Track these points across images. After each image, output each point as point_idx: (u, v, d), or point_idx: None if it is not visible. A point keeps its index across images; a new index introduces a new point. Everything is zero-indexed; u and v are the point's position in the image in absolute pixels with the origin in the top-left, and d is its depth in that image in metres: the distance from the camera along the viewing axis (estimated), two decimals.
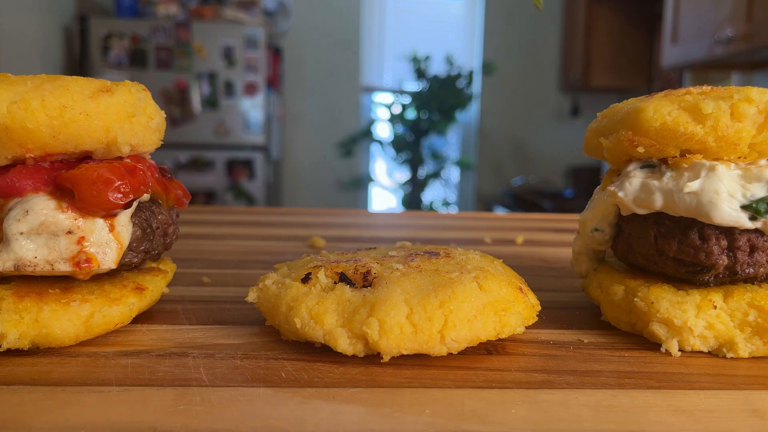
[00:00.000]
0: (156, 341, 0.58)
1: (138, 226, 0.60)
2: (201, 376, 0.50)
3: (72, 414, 0.44)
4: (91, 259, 0.55)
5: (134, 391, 0.47)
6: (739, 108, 0.55)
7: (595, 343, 0.60)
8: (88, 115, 0.55)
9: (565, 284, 0.82)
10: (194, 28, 4.56)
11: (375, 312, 0.52)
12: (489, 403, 0.47)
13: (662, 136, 0.57)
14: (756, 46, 3.07)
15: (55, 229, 0.54)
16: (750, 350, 0.56)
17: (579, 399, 0.48)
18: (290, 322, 0.55)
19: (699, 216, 0.56)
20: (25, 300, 0.54)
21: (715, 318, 0.56)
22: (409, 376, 0.51)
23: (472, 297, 0.54)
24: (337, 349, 0.53)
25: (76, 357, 0.54)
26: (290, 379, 0.50)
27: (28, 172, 0.55)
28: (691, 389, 0.50)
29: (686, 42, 3.75)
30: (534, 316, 0.59)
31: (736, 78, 3.99)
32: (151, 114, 0.62)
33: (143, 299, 0.61)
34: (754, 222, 0.55)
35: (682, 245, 0.57)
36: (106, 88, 0.57)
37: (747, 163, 0.58)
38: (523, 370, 0.53)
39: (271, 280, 0.59)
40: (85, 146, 0.56)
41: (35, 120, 0.52)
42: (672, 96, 0.59)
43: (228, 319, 0.65)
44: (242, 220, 1.39)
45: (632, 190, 0.60)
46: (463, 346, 0.54)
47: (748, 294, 0.57)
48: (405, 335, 0.52)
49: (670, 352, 0.57)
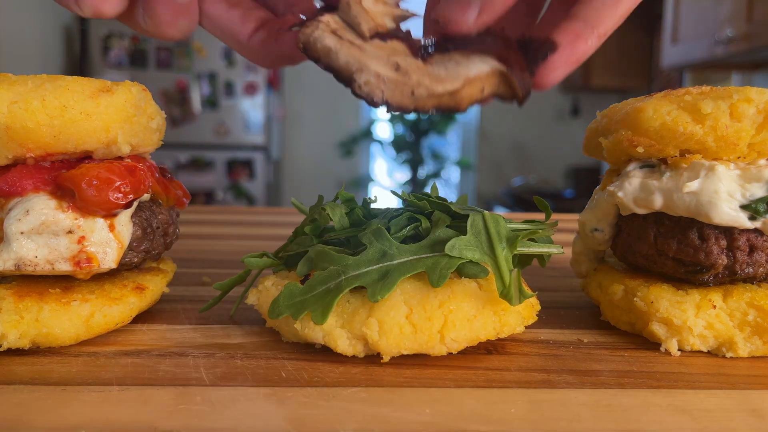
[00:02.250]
0: (156, 341, 0.58)
1: (138, 226, 0.60)
2: (201, 376, 0.50)
3: (72, 413, 0.44)
4: (91, 259, 0.55)
5: (134, 391, 0.48)
6: (739, 108, 0.55)
7: (595, 343, 0.60)
8: (88, 115, 0.55)
9: (565, 284, 0.83)
10: None
11: (374, 312, 0.52)
12: (489, 403, 0.47)
13: (662, 136, 0.57)
14: (756, 46, 3.08)
15: (55, 228, 0.54)
16: (749, 350, 0.56)
17: (578, 398, 0.48)
18: (290, 323, 0.55)
19: (698, 216, 0.56)
20: (25, 300, 0.54)
21: (715, 318, 0.56)
22: (409, 376, 0.51)
23: (472, 297, 0.54)
24: (337, 350, 0.53)
25: (77, 356, 0.54)
26: (290, 379, 0.50)
27: (28, 172, 0.55)
28: (690, 389, 0.50)
29: (686, 42, 3.75)
30: (534, 316, 0.59)
31: (736, 78, 3.99)
32: (152, 114, 0.62)
33: (143, 299, 0.61)
34: (754, 222, 0.55)
35: (681, 245, 0.57)
36: (106, 88, 0.57)
37: (746, 163, 0.58)
38: (523, 369, 0.53)
39: (270, 281, 0.59)
40: (86, 146, 0.56)
41: (36, 120, 0.52)
42: (671, 96, 0.59)
43: (228, 319, 0.65)
44: (242, 220, 1.39)
45: (632, 190, 0.60)
46: (463, 346, 0.54)
47: (748, 294, 0.57)
48: (405, 335, 0.52)
49: (670, 352, 0.57)
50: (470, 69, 0.51)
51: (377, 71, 0.49)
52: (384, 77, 0.50)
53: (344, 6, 0.52)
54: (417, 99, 0.50)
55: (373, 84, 0.49)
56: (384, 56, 0.50)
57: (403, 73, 0.50)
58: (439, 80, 0.50)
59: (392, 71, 0.50)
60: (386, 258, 0.53)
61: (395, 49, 0.51)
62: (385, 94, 0.50)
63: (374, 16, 0.51)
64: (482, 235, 0.54)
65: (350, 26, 0.51)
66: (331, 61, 0.50)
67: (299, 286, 0.53)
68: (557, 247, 0.59)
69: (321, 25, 0.51)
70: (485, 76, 0.51)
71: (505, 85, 0.52)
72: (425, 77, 0.50)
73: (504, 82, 0.52)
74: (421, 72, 0.50)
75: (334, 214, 0.62)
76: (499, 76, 0.51)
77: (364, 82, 0.49)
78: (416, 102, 0.50)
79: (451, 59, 0.51)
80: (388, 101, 0.49)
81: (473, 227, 0.54)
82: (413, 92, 0.50)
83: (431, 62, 0.51)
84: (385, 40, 0.51)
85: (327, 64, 0.50)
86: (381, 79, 0.49)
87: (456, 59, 0.51)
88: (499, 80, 0.52)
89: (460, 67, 0.51)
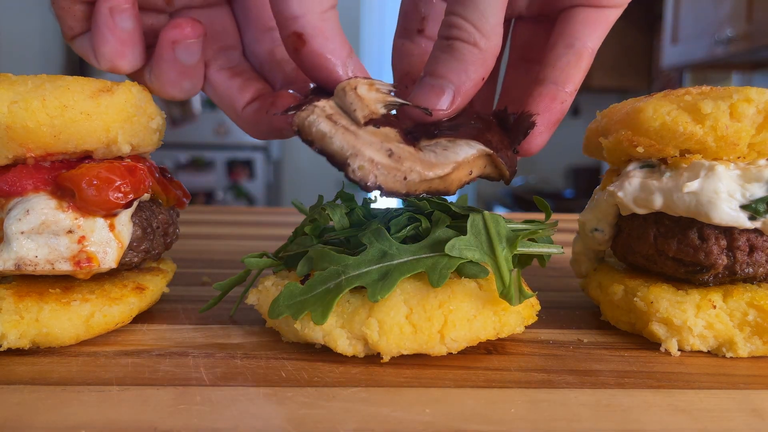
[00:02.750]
0: (156, 341, 0.58)
1: (138, 226, 0.60)
2: (201, 376, 0.50)
3: (72, 413, 0.44)
4: (91, 259, 0.55)
5: (134, 391, 0.48)
6: (738, 108, 0.55)
7: (595, 343, 0.60)
8: (88, 115, 0.55)
9: (565, 284, 0.83)
10: None
11: (374, 312, 0.52)
12: (489, 403, 0.47)
13: (662, 136, 0.57)
14: (756, 46, 3.08)
15: (55, 228, 0.54)
16: (749, 350, 0.56)
17: (578, 398, 0.48)
18: (290, 324, 0.55)
19: (698, 216, 0.56)
20: (25, 300, 0.54)
21: (715, 318, 0.56)
22: (409, 376, 0.51)
23: (472, 297, 0.54)
24: (337, 350, 0.53)
25: (77, 356, 0.54)
26: (290, 379, 0.50)
27: (28, 172, 0.55)
28: (690, 389, 0.50)
29: (686, 42, 3.75)
30: (534, 316, 0.59)
31: (736, 78, 3.99)
32: (151, 114, 0.62)
33: (143, 299, 0.61)
34: (754, 222, 0.55)
35: (681, 245, 0.57)
36: (106, 88, 0.57)
37: (746, 163, 0.58)
38: (523, 369, 0.53)
39: (270, 281, 0.59)
40: (86, 146, 0.56)
41: (36, 119, 0.52)
42: (671, 96, 0.59)
43: (228, 319, 0.65)
44: (242, 220, 1.39)
45: (632, 190, 0.60)
46: (463, 346, 0.54)
47: (748, 294, 0.57)
48: (405, 335, 0.52)
49: (670, 352, 0.57)
50: (458, 154, 0.52)
51: (371, 157, 0.51)
52: (378, 163, 0.51)
53: (339, 92, 0.53)
54: (409, 184, 0.51)
55: (367, 169, 0.51)
56: (377, 142, 0.52)
57: (396, 159, 0.51)
58: (430, 166, 0.52)
59: (386, 157, 0.51)
60: (386, 258, 0.53)
61: (388, 135, 0.53)
62: (378, 179, 0.51)
63: (368, 103, 0.53)
64: (482, 235, 0.54)
65: (345, 112, 0.53)
66: (325, 146, 0.52)
67: (299, 286, 0.53)
68: (557, 247, 0.59)
69: (317, 110, 0.52)
70: (472, 159, 0.53)
71: (491, 167, 0.54)
72: (417, 163, 0.52)
73: (491, 164, 0.54)
74: (413, 158, 0.52)
75: (334, 214, 0.62)
76: (485, 158, 0.54)
77: (357, 167, 0.51)
78: (408, 187, 0.52)
79: (439, 144, 0.53)
80: (381, 186, 0.51)
81: (473, 227, 0.54)
82: (405, 177, 0.51)
83: (421, 148, 0.53)
84: (378, 126, 0.53)
85: (321, 147, 0.52)
86: (375, 164, 0.51)
87: (443, 144, 0.53)
88: (486, 162, 0.54)
89: (449, 152, 0.53)
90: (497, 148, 0.54)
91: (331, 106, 0.53)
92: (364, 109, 0.53)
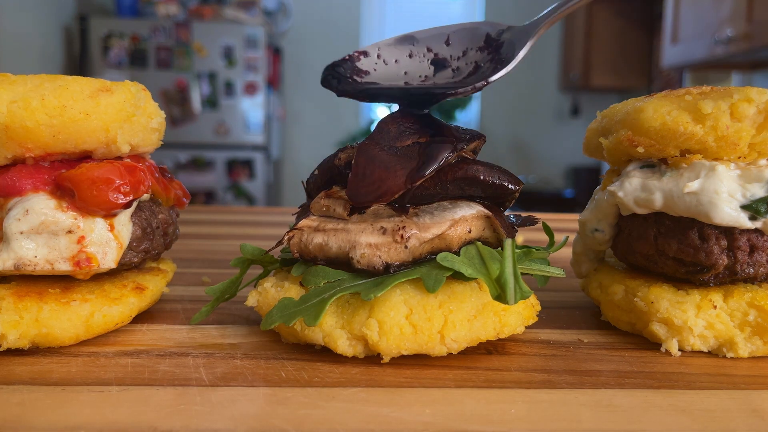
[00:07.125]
0: (156, 341, 0.58)
1: (138, 226, 0.60)
2: (201, 376, 0.50)
3: (72, 413, 0.44)
4: (91, 259, 0.55)
5: (134, 391, 0.47)
6: (739, 108, 0.55)
7: (595, 343, 0.60)
8: (87, 115, 0.55)
9: (565, 284, 0.82)
10: (194, 28, 4.56)
11: (374, 313, 0.52)
12: (489, 403, 0.47)
13: (662, 136, 0.57)
14: (756, 46, 3.08)
15: (55, 228, 0.54)
16: (750, 350, 0.56)
17: (579, 399, 0.48)
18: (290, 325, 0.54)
19: (699, 216, 0.56)
20: (25, 300, 0.54)
21: (715, 318, 0.56)
22: (409, 376, 0.51)
23: (472, 297, 0.54)
24: (337, 351, 0.53)
25: (76, 357, 0.54)
26: (290, 379, 0.50)
27: (28, 172, 0.55)
28: (690, 389, 0.50)
29: (686, 42, 3.75)
30: (534, 316, 0.59)
31: (736, 78, 3.99)
32: (151, 114, 0.62)
33: (143, 299, 0.61)
34: (754, 222, 0.55)
35: (682, 245, 0.57)
36: (105, 87, 0.57)
37: (747, 163, 0.58)
38: (523, 369, 0.53)
39: (270, 283, 0.59)
40: (85, 146, 0.56)
41: (35, 119, 0.52)
42: (672, 96, 0.59)
43: (228, 319, 0.65)
44: (242, 220, 1.39)
45: (632, 190, 0.60)
46: (463, 346, 0.54)
47: (748, 294, 0.57)
48: (405, 335, 0.52)
49: (670, 352, 0.57)
50: (456, 212, 0.55)
51: (368, 242, 0.53)
52: (375, 244, 0.53)
53: (315, 205, 0.57)
54: (412, 251, 0.54)
55: (368, 254, 0.53)
56: (368, 226, 0.54)
57: (391, 233, 0.54)
58: (426, 227, 0.54)
59: (380, 236, 0.54)
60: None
61: (377, 212, 0.55)
62: (382, 257, 0.53)
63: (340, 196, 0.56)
64: (475, 258, 0.54)
65: (328, 216, 0.56)
66: (326, 254, 0.55)
67: (294, 299, 0.54)
68: (558, 269, 0.59)
69: (305, 229, 0.56)
70: (471, 218, 0.55)
71: (490, 230, 0.57)
72: (412, 227, 0.54)
73: (489, 227, 0.57)
74: (408, 225, 0.54)
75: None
76: (484, 219, 0.56)
77: (360, 255, 0.53)
78: (412, 253, 0.54)
79: (440, 206, 0.56)
80: (388, 263, 0.53)
81: (466, 253, 0.54)
82: (406, 246, 0.53)
83: (418, 212, 0.55)
84: (363, 211, 0.56)
85: (324, 257, 0.55)
86: (373, 247, 0.53)
87: (444, 205, 0.56)
88: (485, 225, 0.56)
89: (447, 212, 0.55)
90: (496, 213, 0.56)
91: (313, 219, 0.57)
92: (342, 203, 0.56)
